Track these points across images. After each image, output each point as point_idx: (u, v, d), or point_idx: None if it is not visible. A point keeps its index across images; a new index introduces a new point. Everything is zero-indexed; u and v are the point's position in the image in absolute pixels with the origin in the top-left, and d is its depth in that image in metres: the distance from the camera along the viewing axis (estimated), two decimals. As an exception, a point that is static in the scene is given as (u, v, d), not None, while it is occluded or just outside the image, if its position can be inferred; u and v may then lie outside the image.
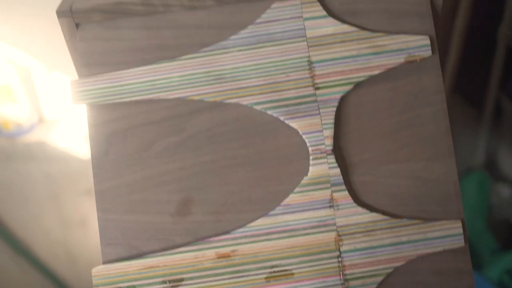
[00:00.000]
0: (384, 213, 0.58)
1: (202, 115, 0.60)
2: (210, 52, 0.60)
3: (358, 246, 0.57)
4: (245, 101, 0.59)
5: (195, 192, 0.59)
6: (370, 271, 0.57)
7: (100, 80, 0.60)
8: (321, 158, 0.58)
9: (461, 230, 0.57)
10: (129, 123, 0.60)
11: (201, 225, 0.58)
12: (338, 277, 0.57)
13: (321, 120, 0.59)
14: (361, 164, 0.59)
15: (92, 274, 0.57)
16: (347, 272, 0.57)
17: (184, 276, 0.57)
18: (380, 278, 0.57)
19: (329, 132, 0.58)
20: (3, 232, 1.32)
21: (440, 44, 1.06)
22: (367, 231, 0.58)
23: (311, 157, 0.58)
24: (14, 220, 1.28)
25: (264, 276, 0.57)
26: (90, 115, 0.60)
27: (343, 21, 0.60)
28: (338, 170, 0.58)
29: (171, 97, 0.59)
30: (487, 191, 1.25)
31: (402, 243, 0.57)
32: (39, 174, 1.23)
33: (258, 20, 0.60)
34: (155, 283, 0.57)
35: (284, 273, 0.57)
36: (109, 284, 0.56)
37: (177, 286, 0.57)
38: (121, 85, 0.59)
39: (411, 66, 0.60)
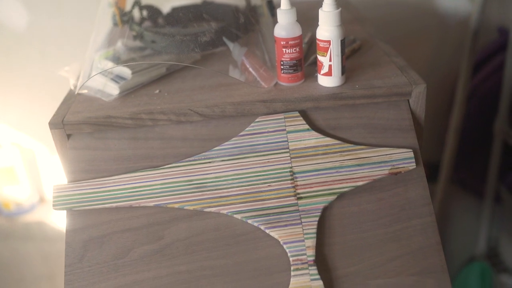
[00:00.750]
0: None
1: (181, 223, 0.58)
2: (193, 161, 0.61)
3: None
4: (225, 209, 0.58)
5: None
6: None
7: (82, 186, 0.60)
8: (302, 269, 0.55)
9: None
10: (107, 229, 0.59)
11: None
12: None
13: (303, 229, 0.56)
14: (346, 278, 0.55)
15: None
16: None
17: None
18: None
19: (310, 242, 0.56)
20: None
21: (437, 135, 1.05)
22: None
23: (292, 268, 0.55)
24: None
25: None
26: (68, 221, 0.59)
27: (326, 134, 0.62)
28: (320, 282, 0.54)
29: (151, 204, 0.59)
30: (490, 283, 1.14)
31: None
32: (37, 253, 1.19)
33: (242, 133, 0.62)
34: None
35: None
36: None
37: None
38: (102, 191, 0.60)
39: (396, 178, 0.59)
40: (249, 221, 0.57)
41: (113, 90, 0.64)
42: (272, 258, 0.56)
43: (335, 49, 0.60)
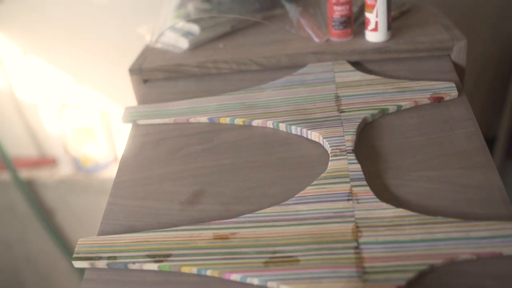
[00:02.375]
0: (413, 209, 0.50)
1: (230, 132, 0.63)
2: (248, 90, 0.67)
3: (381, 239, 0.47)
4: (271, 120, 0.62)
5: (209, 186, 0.56)
6: (397, 265, 0.45)
7: (148, 106, 0.68)
8: (340, 155, 0.55)
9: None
10: (163, 135, 0.64)
11: (207, 213, 0.53)
12: (353, 269, 0.45)
13: (343, 129, 0.58)
14: (387, 171, 0.54)
15: (77, 244, 0.51)
16: (366, 264, 0.45)
17: (172, 252, 0.49)
18: (409, 275, 0.44)
19: (350, 137, 0.57)
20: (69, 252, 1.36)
21: (494, 107, 0.99)
22: (392, 225, 0.48)
23: (330, 156, 0.56)
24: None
25: (263, 260, 0.47)
26: (131, 132, 0.66)
27: (371, 73, 0.67)
28: (358, 166, 0.54)
29: (205, 118, 0.65)
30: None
31: (438, 240, 0.46)
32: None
33: (294, 73, 0.69)
34: (138, 256, 0.49)
35: (287, 259, 0.47)
36: (90, 253, 0.50)
37: (162, 261, 0.48)
38: (164, 110, 0.67)
39: (438, 104, 0.61)
40: (293, 127, 0.60)
41: (183, 44, 0.76)
42: (314, 155, 0.58)
43: (381, 6, 0.69)
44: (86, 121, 1.17)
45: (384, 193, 0.52)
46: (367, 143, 0.58)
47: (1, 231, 1.34)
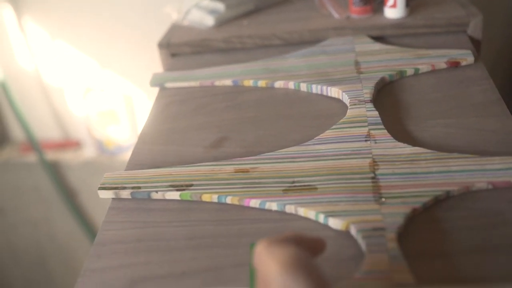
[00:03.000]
0: (428, 147, 0.51)
1: (253, 92, 0.65)
2: (272, 59, 0.71)
3: (397, 171, 0.48)
4: (293, 81, 0.65)
5: (232, 134, 0.58)
6: (412, 192, 0.46)
7: (174, 72, 0.71)
8: (359, 104, 0.57)
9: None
10: (189, 96, 0.67)
11: (229, 155, 0.55)
12: (370, 194, 0.46)
13: (362, 85, 0.61)
14: (405, 119, 0.56)
15: (104, 177, 0.54)
16: (383, 191, 0.46)
17: (194, 182, 0.51)
18: (425, 199, 0.45)
19: (368, 91, 0.59)
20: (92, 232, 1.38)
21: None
22: (409, 160, 0.49)
23: (349, 106, 0.58)
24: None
25: (282, 188, 0.48)
26: (158, 95, 0.69)
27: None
28: (376, 113, 0.55)
29: (229, 81, 0.67)
30: None
31: (454, 171, 0.47)
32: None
33: (315, 46, 0.72)
34: (161, 186, 0.51)
35: (306, 187, 0.48)
36: (115, 184, 0.52)
37: (183, 190, 0.50)
38: (190, 75, 0.70)
39: (455, 68, 0.63)
40: (313, 85, 0.63)
41: (209, 21, 0.80)
42: (333, 108, 0.60)
43: (399, -16, 0.72)
44: (110, 104, 1.21)
45: (402, 136, 0.53)
46: (385, 99, 0.60)
47: (26, 211, 1.37)
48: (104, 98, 1.20)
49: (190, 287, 0.42)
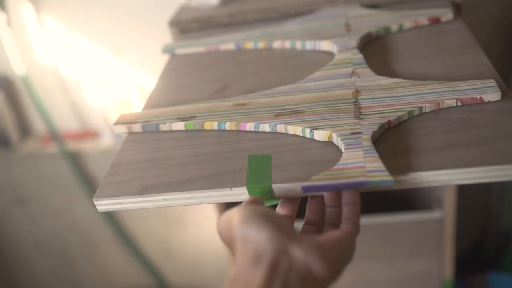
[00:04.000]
0: (407, 78, 0.57)
1: (254, 52, 0.72)
2: (270, 27, 0.78)
3: (377, 95, 0.54)
4: (289, 40, 0.72)
5: (234, 83, 0.65)
6: (389, 109, 0.52)
7: (183, 41, 0.79)
8: (346, 51, 0.64)
9: (495, 84, 0.52)
10: (195, 59, 0.74)
11: (234, 95, 0.62)
12: (351, 114, 0.52)
13: (350, 38, 0.67)
14: (388, 62, 0.62)
15: (118, 117, 0.61)
16: (362, 110, 0.52)
17: (197, 114, 0.57)
18: (400, 113, 0.51)
19: (355, 41, 0.66)
20: (117, 225, 1.43)
21: None
22: (388, 88, 0.55)
23: (337, 53, 0.64)
24: (125, 215, 1.43)
25: (274, 114, 0.55)
26: (168, 61, 0.76)
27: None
28: (361, 56, 0.62)
29: (232, 45, 0.75)
30: None
31: (427, 93, 0.53)
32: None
33: (310, 15, 0.79)
34: (169, 119, 0.58)
35: (295, 111, 0.54)
36: (129, 122, 0.59)
37: (188, 120, 0.57)
38: (197, 42, 0.78)
39: (436, 24, 0.69)
40: (307, 43, 0.70)
41: (214, 1, 0.88)
42: (325, 59, 0.66)
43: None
44: (125, 94, 1.28)
45: (384, 73, 0.59)
46: (371, 48, 0.66)
47: (48, 201, 1.43)
48: (119, 88, 1.27)
49: (194, 188, 0.48)
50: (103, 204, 0.49)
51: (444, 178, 0.43)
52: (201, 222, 1.44)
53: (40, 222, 1.48)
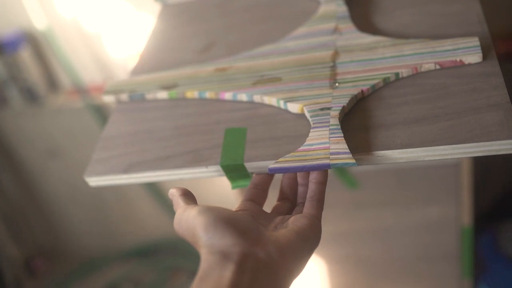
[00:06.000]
0: (389, 36, 0.55)
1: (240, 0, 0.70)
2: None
3: (355, 58, 0.53)
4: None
5: (219, 40, 0.64)
6: (364, 76, 0.51)
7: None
8: (331, 2, 0.61)
9: (477, 43, 0.49)
10: (184, 9, 0.73)
11: (217, 58, 0.61)
12: (326, 81, 0.51)
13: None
14: (373, 12, 0.59)
15: (107, 86, 0.62)
16: (338, 77, 0.51)
17: (179, 82, 0.58)
18: (374, 81, 0.50)
19: None
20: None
21: None
22: (368, 48, 0.54)
23: (321, 4, 0.61)
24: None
25: (252, 81, 0.55)
26: (161, 10, 0.75)
27: None
28: (345, 8, 0.59)
29: None
30: None
31: (405, 55, 0.51)
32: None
33: None
34: (152, 88, 0.59)
35: (272, 79, 0.54)
36: (117, 91, 0.61)
37: (170, 89, 0.58)
38: None
39: None
40: None
41: None
42: (311, 8, 0.63)
43: None
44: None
45: (368, 25, 0.57)
46: (356, 4, 0.62)
47: (80, 154, 1.49)
48: (139, 40, 1.26)
49: (173, 167, 0.50)
50: (93, 181, 0.53)
51: (410, 155, 0.44)
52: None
53: (74, 175, 1.54)
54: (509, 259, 1.19)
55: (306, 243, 0.40)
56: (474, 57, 0.48)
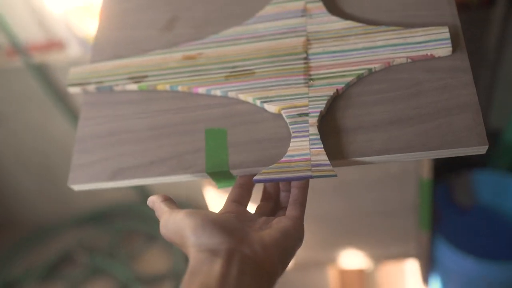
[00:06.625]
0: (360, 20, 0.54)
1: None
2: None
3: (327, 49, 0.53)
4: None
5: (182, 12, 0.61)
6: (338, 72, 0.51)
7: None
8: None
9: (447, 35, 0.50)
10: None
11: (182, 37, 0.59)
12: (300, 77, 0.52)
13: None
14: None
15: (69, 73, 0.59)
16: (312, 72, 0.52)
17: (148, 73, 0.57)
18: (348, 79, 0.50)
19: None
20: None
21: None
22: (340, 36, 0.53)
23: None
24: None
25: (224, 75, 0.54)
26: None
27: None
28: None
29: None
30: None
31: (378, 47, 0.51)
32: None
33: None
34: (121, 79, 0.57)
35: (245, 72, 0.54)
36: (81, 80, 0.58)
37: (140, 81, 0.56)
38: None
39: None
40: None
41: None
42: None
43: None
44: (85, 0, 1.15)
45: (337, 10, 0.55)
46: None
47: (24, 117, 1.39)
48: None
49: (158, 174, 0.52)
50: (79, 187, 0.54)
51: (386, 159, 0.47)
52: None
53: (20, 139, 1.44)
54: (461, 207, 1.29)
55: (290, 241, 0.42)
56: (444, 51, 0.49)
